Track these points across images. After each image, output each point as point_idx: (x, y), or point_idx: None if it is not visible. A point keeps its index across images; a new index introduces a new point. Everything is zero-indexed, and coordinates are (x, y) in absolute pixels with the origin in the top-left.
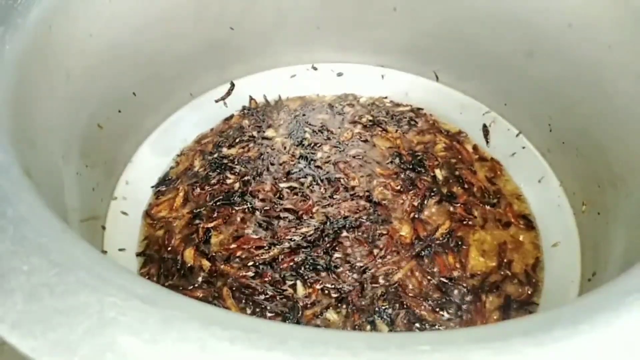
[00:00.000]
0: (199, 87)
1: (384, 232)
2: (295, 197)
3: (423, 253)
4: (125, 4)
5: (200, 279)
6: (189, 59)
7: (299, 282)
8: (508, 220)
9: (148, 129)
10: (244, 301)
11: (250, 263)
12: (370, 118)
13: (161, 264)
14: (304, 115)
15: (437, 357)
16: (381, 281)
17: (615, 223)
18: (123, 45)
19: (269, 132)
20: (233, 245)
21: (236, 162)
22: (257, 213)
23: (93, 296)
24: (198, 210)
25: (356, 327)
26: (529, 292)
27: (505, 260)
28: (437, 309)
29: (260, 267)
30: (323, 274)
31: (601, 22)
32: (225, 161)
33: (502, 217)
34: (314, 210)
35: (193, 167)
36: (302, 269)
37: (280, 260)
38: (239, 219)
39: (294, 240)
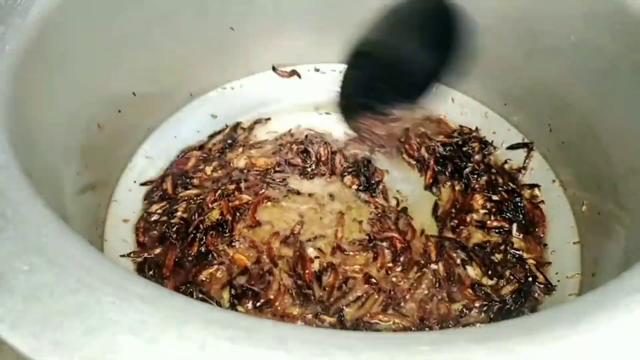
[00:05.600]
0: (199, 87)
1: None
2: None
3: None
4: (125, 4)
5: None
6: (189, 59)
7: None
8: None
9: (148, 129)
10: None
11: None
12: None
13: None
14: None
15: (437, 357)
16: None
17: (615, 223)
18: (123, 45)
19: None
20: None
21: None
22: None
23: (93, 296)
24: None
25: None
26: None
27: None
28: None
29: None
30: None
31: (601, 22)
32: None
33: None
34: None
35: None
36: None
37: None
38: None
39: None
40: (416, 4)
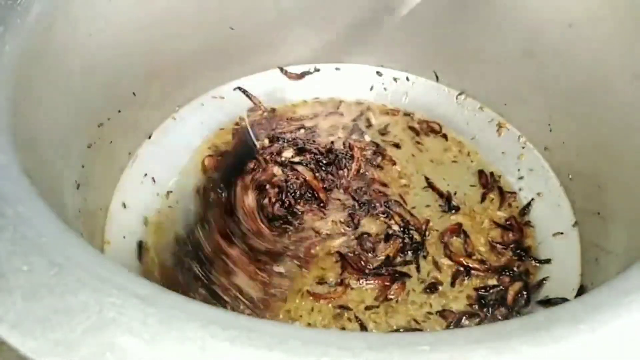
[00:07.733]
0: (199, 87)
1: None
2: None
3: None
4: (125, 3)
5: None
6: (189, 59)
7: None
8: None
9: (148, 129)
10: None
11: None
12: None
13: None
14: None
15: (437, 357)
16: None
17: (615, 223)
18: (123, 45)
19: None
20: None
21: None
22: None
23: (93, 296)
24: None
25: None
26: None
27: None
28: None
29: None
30: None
31: (601, 22)
32: None
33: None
34: None
35: None
36: None
37: None
38: None
39: None
40: None
